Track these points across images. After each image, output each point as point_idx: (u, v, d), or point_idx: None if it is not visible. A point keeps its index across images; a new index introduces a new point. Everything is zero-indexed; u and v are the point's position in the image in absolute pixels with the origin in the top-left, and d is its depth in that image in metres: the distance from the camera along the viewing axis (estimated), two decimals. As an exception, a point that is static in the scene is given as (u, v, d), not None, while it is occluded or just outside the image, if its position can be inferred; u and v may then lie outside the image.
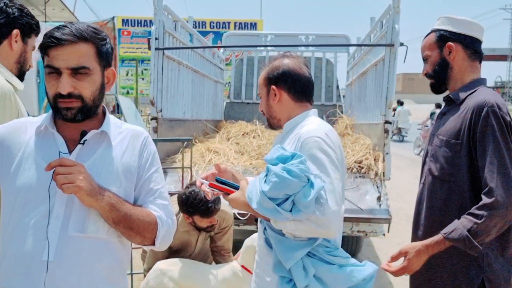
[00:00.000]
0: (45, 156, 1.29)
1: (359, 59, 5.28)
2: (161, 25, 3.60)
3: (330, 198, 1.44)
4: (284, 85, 1.68)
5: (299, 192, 1.41)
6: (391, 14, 3.56)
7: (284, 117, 1.73)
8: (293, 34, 6.54)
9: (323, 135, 1.54)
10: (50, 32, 1.27)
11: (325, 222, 1.42)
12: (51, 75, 1.28)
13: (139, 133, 1.45)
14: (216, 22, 16.73)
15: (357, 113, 5.12)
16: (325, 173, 1.47)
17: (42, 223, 1.25)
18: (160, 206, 1.40)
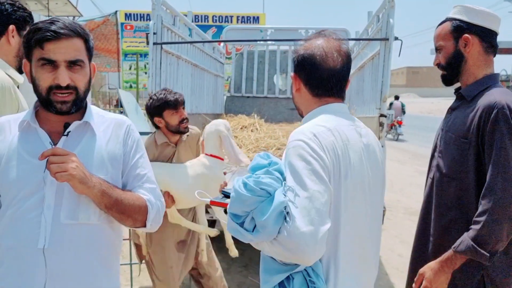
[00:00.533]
0: (30, 151, 1.35)
1: (357, 53, 5.31)
2: (159, 20, 3.64)
3: (301, 216, 1.18)
4: (302, 75, 1.46)
5: (256, 209, 1.24)
6: (386, 8, 3.59)
7: (303, 109, 1.51)
8: (293, 28, 6.56)
9: (309, 137, 1.30)
10: (44, 26, 1.32)
11: (292, 245, 1.18)
12: (44, 67, 1.33)
13: (122, 122, 1.51)
14: (218, 16, 16.76)
15: (355, 106, 5.15)
16: (300, 185, 1.23)
17: (35, 213, 1.31)
18: (148, 189, 1.48)
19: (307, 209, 1.19)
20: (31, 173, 1.33)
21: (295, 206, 1.20)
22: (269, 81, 6.69)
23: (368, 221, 1.39)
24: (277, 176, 1.28)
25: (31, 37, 1.33)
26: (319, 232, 1.18)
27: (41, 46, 1.31)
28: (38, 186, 1.32)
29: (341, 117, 1.41)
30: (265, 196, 1.24)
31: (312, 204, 1.20)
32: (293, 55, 1.50)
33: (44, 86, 1.34)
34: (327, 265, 1.31)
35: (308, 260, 1.21)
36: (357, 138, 1.39)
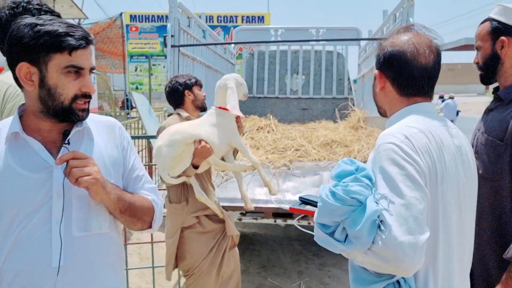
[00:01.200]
0: (26, 166, 1.23)
1: (371, 52, 5.28)
2: (176, 22, 3.64)
3: (398, 225, 1.12)
4: (388, 73, 1.36)
5: (347, 219, 1.18)
6: (405, 7, 3.57)
7: (388, 109, 1.42)
8: (304, 28, 6.55)
9: (401, 140, 1.22)
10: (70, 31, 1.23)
11: (390, 256, 1.11)
12: (69, 75, 1.24)
13: (113, 123, 1.46)
14: (223, 16, 16.77)
15: (370, 106, 5.13)
16: (395, 192, 1.15)
17: (43, 230, 1.22)
18: (149, 189, 1.46)
19: (404, 217, 1.12)
20: (32, 188, 1.22)
21: (390, 214, 1.14)
22: (280, 82, 6.68)
23: (463, 228, 1.31)
24: (366, 183, 1.21)
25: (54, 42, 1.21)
26: (418, 242, 1.11)
27: (70, 53, 1.23)
28: (43, 200, 1.22)
29: (431, 118, 1.33)
30: (356, 205, 1.17)
31: (409, 212, 1.12)
32: (377, 53, 1.41)
33: (70, 95, 1.25)
34: (425, 275, 1.23)
35: (407, 271, 1.14)
36: (450, 139, 1.30)
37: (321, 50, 6.65)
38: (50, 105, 1.25)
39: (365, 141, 4.04)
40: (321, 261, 4.55)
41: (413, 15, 3.40)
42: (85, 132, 1.34)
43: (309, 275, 4.16)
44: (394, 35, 1.39)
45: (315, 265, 4.45)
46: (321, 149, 4.00)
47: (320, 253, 4.76)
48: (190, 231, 2.72)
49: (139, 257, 4.56)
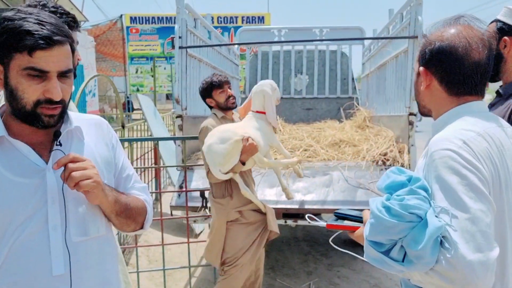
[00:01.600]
0: (15, 170, 1.15)
1: (376, 51, 5.27)
2: (183, 23, 3.63)
3: (465, 242, 1.00)
4: (436, 70, 1.24)
5: (406, 236, 1.05)
6: (412, 6, 3.56)
7: (434, 109, 1.31)
8: (307, 28, 6.54)
9: (459, 145, 1.10)
10: (32, 29, 1.10)
11: (457, 277, 1.00)
12: (32, 78, 1.12)
13: (100, 121, 1.39)
14: (223, 17, 16.76)
15: (375, 105, 5.12)
16: (457, 205, 1.04)
17: (39, 238, 1.14)
18: (140, 189, 1.41)
19: (471, 232, 1.00)
20: (25, 195, 1.14)
21: (453, 230, 1.02)
22: (284, 82, 6.67)
23: None
24: (424, 195, 1.08)
25: (14, 40, 1.10)
26: (489, 260, 0.99)
27: (30, 54, 1.10)
28: (36, 207, 1.14)
29: (486, 118, 1.21)
30: (416, 221, 1.05)
31: (475, 227, 1.01)
32: (421, 48, 1.29)
33: (31, 100, 1.13)
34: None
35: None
36: (508, 141, 1.19)
37: (325, 50, 6.64)
38: (15, 107, 1.15)
39: (374, 140, 4.03)
40: (330, 261, 4.54)
41: (421, 13, 3.39)
42: (74, 132, 1.27)
43: (318, 276, 4.15)
44: (440, 28, 1.26)
45: (323, 265, 4.44)
46: (330, 149, 3.99)
47: (328, 253, 4.75)
48: (234, 224, 2.84)
49: (147, 259, 4.55)
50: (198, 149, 4.09)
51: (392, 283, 4.01)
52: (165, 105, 20.81)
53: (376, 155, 3.66)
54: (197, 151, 4.04)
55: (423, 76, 1.27)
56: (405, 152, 3.56)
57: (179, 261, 4.45)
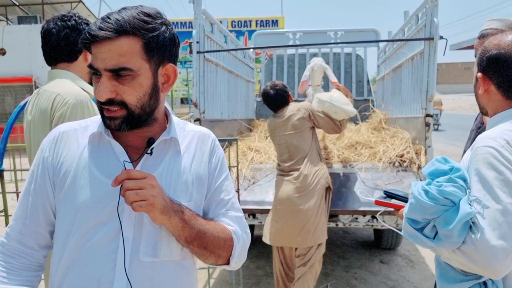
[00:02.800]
0: (103, 169, 1.11)
1: (391, 53, 5.27)
2: (201, 29, 3.69)
3: (491, 229, 1.12)
4: (493, 76, 1.33)
5: (439, 217, 1.20)
6: (428, 7, 3.56)
7: (490, 110, 1.40)
8: (322, 31, 6.56)
9: (501, 144, 1.21)
10: (90, 25, 1.07)
11: (480, 258, 1.13)
12: (95, 77, 1.08)
13: (206, 136, 1.26)
14: (237, 21, 16.86)
15: (391, 107, 5.12)
16: (491, 197, 1.16)
17: (109, 248, 1.08)
18: (233, 218, 1.23)
19: (499, 222, 1.13)
20: (106, 196, 1.08)
21: (483, 217, 1.15)
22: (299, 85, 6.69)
23: None
24: (461, 184, 1.22)
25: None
26: (511, 248, 1.11)
27: (89, 50, 1.06)
28: (113, 213, 1.07)
29: None
30: (449, 206, 1.19)
31: (503, 218, 1.13)
32: (479, 54, 1.37)
33: (96, 100, 1.10)
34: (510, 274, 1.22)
35: (496, 275, 1.14)
36: None
37: (340, 53, 6.66)
38: None
39: (390, 142, 4.04)
40: (347, 263, 4.54)
41: (437, 15, 3.40)
42: (172, 143, 1.17)
43: (335, 277, 4.16)
44: (498, 36, 1.33)
45: (341, 267, 4.44)
46: (346, 151, 4.01)
47: (345, 255, 4.76)
48: None
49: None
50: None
51: (409, 285, 4.00)
52: (180, 109, 20.97)
53: (393, 156, 3.67)
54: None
55: (481, 82, 1.36)
56: (422, 153, 3.56)
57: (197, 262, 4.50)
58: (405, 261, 4.59)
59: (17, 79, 12.31)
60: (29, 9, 14.83)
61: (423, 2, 3.69)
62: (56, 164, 1.14)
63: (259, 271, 4.39)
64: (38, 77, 12.00)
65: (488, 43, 1.35)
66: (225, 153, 3.92)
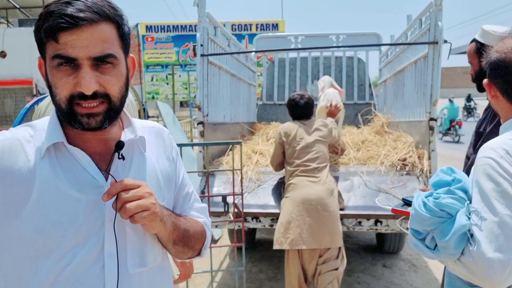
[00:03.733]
0: (71, 184, 0.97)
1: (394, 57, 5.28)
2: (205, 32, 3.69)
3: (488, 242, 1.12)
4: (497, 81, 1.32)
5: (436, 229, 1.23)
6: (432, 11, 3.57)
7: (502, 116, 1.39)
8: (324, 35, 6.57)
9: (500, 155, 1.20)
10: (57, 9, 0.91)
11: (477, 270, 1.14)
12: (61, 68, 0.93)
13: (161, 130, 1.20)
14: (238, 25, 16.86)
15: (393, 111, 5.12)
16: (488, 208, 1.16)
17: (94, 266, 0.98)
18: (200, 210, 1.23)
19: (495, 234, 1.13)
20: (79, 213, 0.96)
21: (480, 229, 1.15)
22: (301, 88, 6.70)
23: None
24: (460, 196, 1.24)
25: (41, 25, 0.92)
26: (509, 260, 1.11)
27: (55, 39, 0.91)
28: (91, 229, 0.97)
29: None
30: (446, 217, 1.21)
31: (500, 230, 1.13)
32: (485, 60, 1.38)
33: (63, 95, 0.94)
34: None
35: (493, 286, 1.14)
36: None
37: (342, 56, 6.67)
38: (56, 108, 0.99)
39: (392, 146, 4.04)
40: (350, 267, 4.53)
41: (441, 19, 3.40)
42: (135, 143, 1.08)
43: (338, 281, 4.14)
44: (499, 43, 1.34)
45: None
46: (349, 154, 4.01)
47: (348, 259, 4.74)
48: None
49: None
50: (218, 155, 4.14)
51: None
52: (180, 112, 20.99)
53: (395, 160, 3.66)
54: (217, 156, 4.10)
55: (487, 88, 1.38)
56: (425, 157, 3.56)
57: (198, 266, 4.49)
58: (408, 265, 4.58)
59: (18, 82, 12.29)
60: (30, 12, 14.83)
61: (427, 6, 3.69)
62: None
63: (261, 274, 4.38)
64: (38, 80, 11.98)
65: (490, 49, 1.35)
66: (229, 156, 3.93)
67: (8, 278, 0.97)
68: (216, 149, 4.14)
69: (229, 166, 3.56)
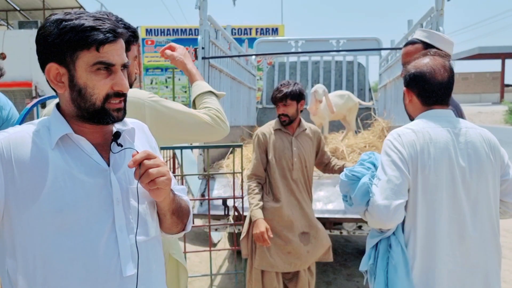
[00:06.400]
0: (81, 169, 1.13)
1: (394, 61, 5.29)
2: (206, 34, 3.69)
3: (379, 193, 1.64)
4: (414, 89, 1.77)
5: (350, 189, 1.78)
6: (433, 16, 3.58)
7: (414, 115, 1.84)
8: (324, 39, 6.59)
9: (394, 137, 1.69)
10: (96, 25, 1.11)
11: (373, 214, 1.66)
12: (99, 73, 1.13)
13: (141, 124, 1.38)
14: (237, 29, 16.89)
15: (393, 115, 5.12)
16: (382, 172, 1.67)
17: (107, 239, 1.13)
18: (180, 190, 1.38)
19: (384, 188, 1.64)
20: (90, 194, 1.12)
21: (376, 186, 1.67)
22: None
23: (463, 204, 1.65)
24: (367, 166, 1.79)
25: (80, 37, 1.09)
26: (391, 205, 1.61)
27: (97, 49, 1.11)
28: (101, 208, 1.13)
29: (435, 121, 1.72)
30: (355, 180, 1.76)
31: (387, 185, 1.63)
32: (404, 73, 1.81)
33: (102, 94, 1.14)
34: (408, 233, 1.69)
35: (384, 225, 1.66)
36: (446, 137, 1.67)
37: (342, 61, 6.68)
38: (83, 107, 1.14)
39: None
40: (349, 271, 4.51)
41: (442, 23, 3.40)
42: (127, 133, 1.25)
43: (337, 286, 4.13)
44: (416, 60, 1.77)
45: (343, 275, 4.41)
46: (349, 158, 4.00)
47: (347, 264, 4.73)
48: None
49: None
50: (219, 158, 4.14)
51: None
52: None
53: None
54: (217, 160, 4.09)
55: (406, 94, 1.82)
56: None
57: (198, 269, 4.47)
58: (407, 270, 4.56)
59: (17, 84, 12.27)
60: (30, 14, 14.84)
61: (428, 11, 3.70)
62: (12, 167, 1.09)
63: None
64: (38, 82, 11.98)
65: (411, 65, 1.78)
66: (229, 159, 3.92)
67: (28, 254, 1.10)
68: (216, 152, 4.13)
69: (230, 169, 3.55)
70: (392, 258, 1.69)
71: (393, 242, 1.70)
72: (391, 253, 1.70)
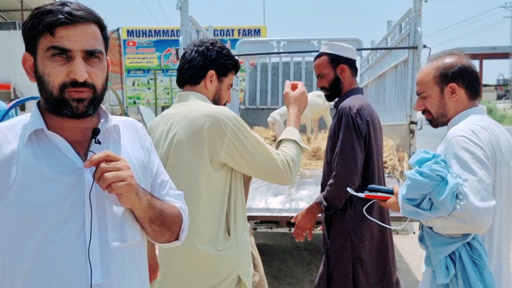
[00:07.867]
0: (52, 167, 1.06)
1: (374, 62, 5.36)
2: (188, 35, 3.69)
3: (473, 194, 1.47)
4: (463, 81, 1.73)
5: (433, 191, 1.52)
6: (411, 17, 3.64)
7: (454, 115, 1.76)
8: (306, 40, 6.63)
9: (469, 133, 1.59)
10: (55, 8, 1.06)
11: (467, 218, 1.47)
12: (55, 59, 1.06)
13: (134, 123, 1.31)
14: (220, 30, 16.88)
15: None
16: (468, 171, 1.52)
17: (76, 242, 1.05)
18: (176, 196, 1.31)
19: (477, 189, 1.49)
20: (60, 193, 1.05)
21: (465, 187, 1.50)
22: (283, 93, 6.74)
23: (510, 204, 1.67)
24: (444, 165, 1.58)
25: (38, 22, 1.05)
26: (490, 206, 1.48)
27: (52, 33, 1.04)
28: (71, 209, 1.05)
29: (486, 118, 1.71)
30: (439, 180, 1.53)
31: (480, 185, 1.49)
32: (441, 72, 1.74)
33: (57, 83, 1.06)
34: (483, 236, 1.61)
35: (481, 229, 1.50)
36: (502, 135, 1.67)
37: (323, 61, 6.73)
38: (45, 97, 1.09)
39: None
40: (332, 270, 4.55)
41: (420, 24, 3.47)
42: (111, 131, 1.18)
43: (321, 284, 4.16)
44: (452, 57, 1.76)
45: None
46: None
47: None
48: None
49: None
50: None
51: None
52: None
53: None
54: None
55: (453, 89, 1.73)
56: (405, 160, 3.61)
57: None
58: (389, 268, 4.62)
59: (-5, 86, 12.04)
60: (8, 15, 14.58)
61: (407, 12, 3.77)
62: None
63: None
64: (16, 84, 11.77)
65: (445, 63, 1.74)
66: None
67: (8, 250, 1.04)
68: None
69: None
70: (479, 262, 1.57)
71: (476, 245, 1.58)
72: (475, 257, 1.58)
